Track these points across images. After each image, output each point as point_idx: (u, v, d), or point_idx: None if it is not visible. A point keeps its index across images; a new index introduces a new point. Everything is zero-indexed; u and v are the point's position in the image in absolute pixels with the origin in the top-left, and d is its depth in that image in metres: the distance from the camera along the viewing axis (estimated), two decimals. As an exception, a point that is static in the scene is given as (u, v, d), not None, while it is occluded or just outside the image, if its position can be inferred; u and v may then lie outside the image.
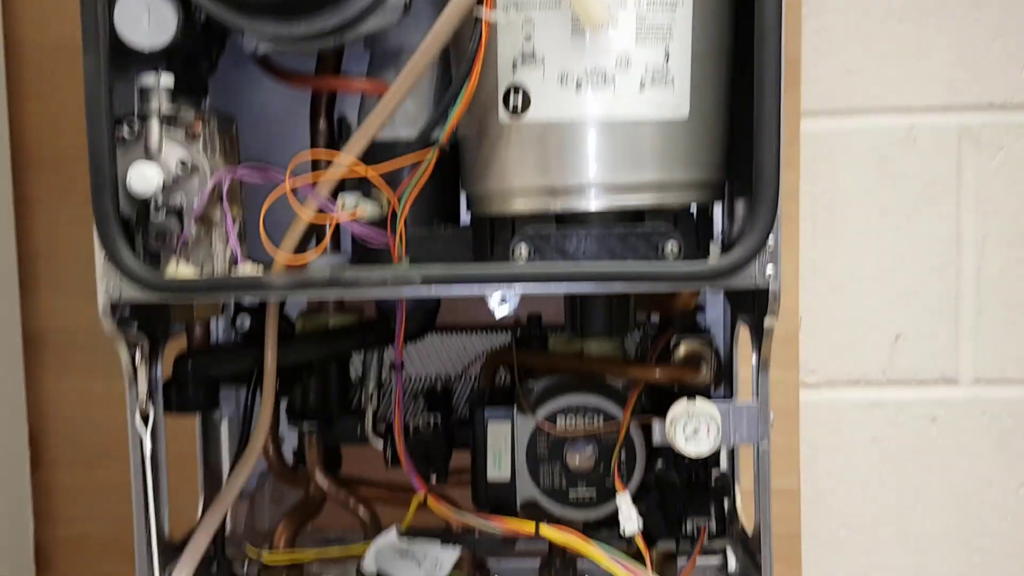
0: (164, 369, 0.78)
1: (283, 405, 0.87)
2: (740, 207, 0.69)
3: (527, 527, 0.74)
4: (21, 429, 1.00)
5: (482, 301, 0.96)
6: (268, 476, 0.97)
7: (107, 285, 0.66)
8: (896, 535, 1.06)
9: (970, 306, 1.04)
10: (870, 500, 1.06)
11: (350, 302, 0.87)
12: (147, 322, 0.72)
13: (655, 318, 0.89)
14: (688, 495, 0.82)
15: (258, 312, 0.88)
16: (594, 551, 0.69)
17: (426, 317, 0.84)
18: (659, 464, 0.83)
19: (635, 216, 0.66)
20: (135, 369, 0.69)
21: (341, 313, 0.86)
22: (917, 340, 1.04)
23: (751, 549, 0.81)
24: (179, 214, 0.65)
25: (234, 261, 0.68)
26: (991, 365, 1.04)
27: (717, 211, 0.75)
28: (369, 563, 0.82)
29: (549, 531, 0.73)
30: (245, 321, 0.87)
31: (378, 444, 0.85)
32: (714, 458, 0.85)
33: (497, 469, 0.80)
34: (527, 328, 0.88)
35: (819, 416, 1.05)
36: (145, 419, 0.69)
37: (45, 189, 1.02)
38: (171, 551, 0.79)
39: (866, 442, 1.06)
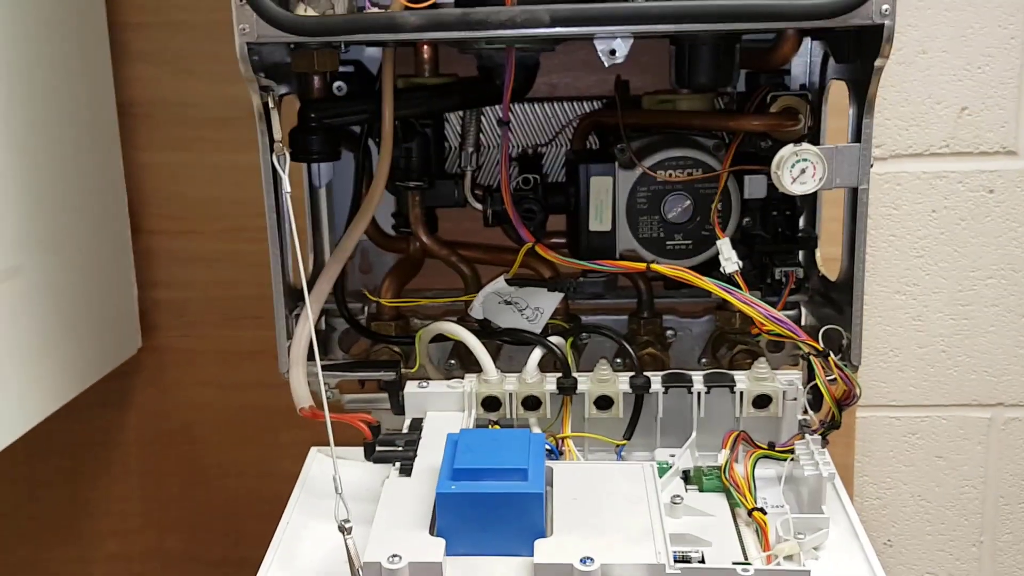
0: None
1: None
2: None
3: (638, 266, 0.79)
4: (121, 198, 1.04)
5: (568, 70, 0.99)
6: (358, 247, 1.01)
7: (242, 28, 0.68)
8: (949, 300, 1.13)
9: (1034, 79, 1.07)
10: (926, 267, 1.12)
11: (444, 69, 0.90)
12: (269, 72, 0.75)
13: (740, 86, 0.92)
14: (776, 248, 0.87)
15: (353, 77, 0.90)
16: (705, 281, 0.74)
17: (527, 75, 0.87)
18: (746, 220, 0.88)
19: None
20: (268, 111, 0.72)
21: (436, 76, 0.89)
22: (981, 112, 1.08)
23: (833, 298, 0.87)
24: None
25: (357, 8, 0.70)
26: (1050, 137, 1.08)
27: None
28: (477, 308, 0.87)
29: (660, 267, 0.78)
30: (342, 86, 0.90)
31: (477, 205, 0.90)
32: (797, 216, 0.90)
33: (599, 221, 0.85)
34: (617, 94, 0.91)
35: (883, 188, 1.10)
36: (280, 161, 0.72)
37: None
38: (295, 296, 0.84)
39: (926, 213, 1.10)
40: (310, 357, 0.83)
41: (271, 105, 0.72)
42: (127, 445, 1.15)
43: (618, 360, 0.89)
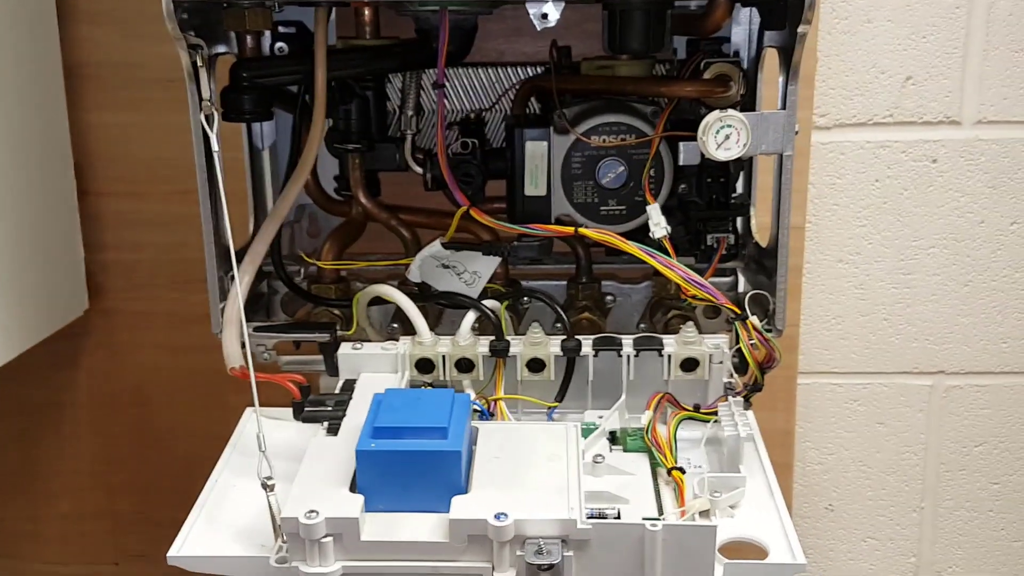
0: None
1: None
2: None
3: (566, 229, 0.80)
4: (67, 160, 1.04)
5: (514, 35, 1.00)
6: (305, 210, 1.02)
7: (169, -16, 0.69)
8: (892, 269, 1.14)
9: (978, 48, 1.07)
10: (869, 236, 1.13)
11: (387, 32, 0.90)
12: (203, 31, 0.75)
13: (681, 53, 0.93)
14: (709, 214, 0.88)
15: (294, 38, 0.90)
16: (630, 246, 0.75)
17: (464, 38, 0.87)
18: (682, 187, 0.89)
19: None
20: (196, 70, 0.72)
21: (377, 38, 0.89)
22: (925, 82, 1.08)
23: (765, 264, 0.88)
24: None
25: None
26: (993, 107, 1.09)
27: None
28: (414, 272, 0.88)
29: (588, 231, 0.79)
30: (283, 47, 0.90)
31: (418, 169, 0.90)
32: (733, 183, 0.91)
33: (534, 186, 0.86)
34: (558, 59, 0.91)
35: (827, 157, 1.11)
36: (209, 121, 0.72)
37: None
38: (230, 257, 0.85)
39: (869, 182, 1.12)
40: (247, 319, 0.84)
41: (200, 64, 0.73)
42: (77, 406, 1.16)
43: (557, 325, 0.90)
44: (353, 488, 0.65)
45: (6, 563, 1.22)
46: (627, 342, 0.81)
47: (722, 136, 0.74)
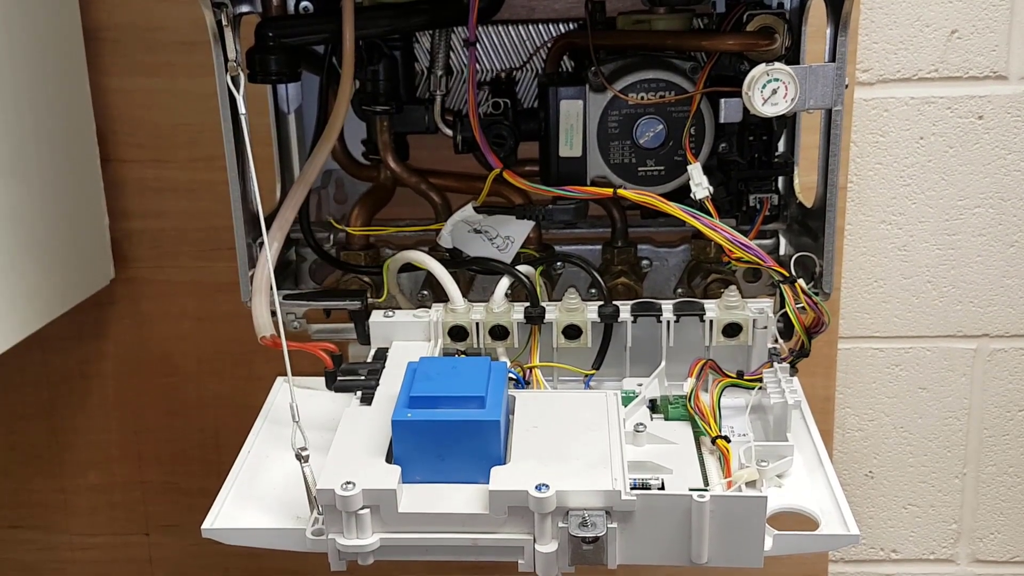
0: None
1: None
2: None
3: (605, 191, 0.77)
4: (89, 127, 1.02)
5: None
6: (332, 175, 1.00)
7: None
8: (936, 229, 1.11)
9: (1026, 0, 1.03)
10: (913, 196, 1.10)
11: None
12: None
13: (720, 7, 0.89)
14: (751, 174, 0.85)
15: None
16: (673, 207, 0.73)
17: (496, -6, 0.84)
18: (723, 146, 0.86)
19: None
20: (221, 30, 0.70)
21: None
22: (971, 36, 1.04)
23: (810, 225, 0.85)
24: None
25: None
26: (1042, 60, 1.05)
27: None
28: (445, 237, 0.86)
29: (627, 192, 0.76)
30: (308, 6, 0.87)
31: (448, 131, 0.88)
32: (775, 142, 0.88)
33: (569, 147, 0.83)
34: (592, 14, 0.88)
35: (870, 114, 1.07)
36: (235, 82, 0.70)
37: None
38: (258, 224, 0.83)
39: (913, 140, 1.08)
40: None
41: (225, 23, 0.70)
42: (104, 377, 1.15)
43: (592, 291, 0.88)
44: (389, 459, 0.64)
45: (35, 534, 1.22)
46: (667, 307, 0.79)
47: (768, 91, 0.71)
